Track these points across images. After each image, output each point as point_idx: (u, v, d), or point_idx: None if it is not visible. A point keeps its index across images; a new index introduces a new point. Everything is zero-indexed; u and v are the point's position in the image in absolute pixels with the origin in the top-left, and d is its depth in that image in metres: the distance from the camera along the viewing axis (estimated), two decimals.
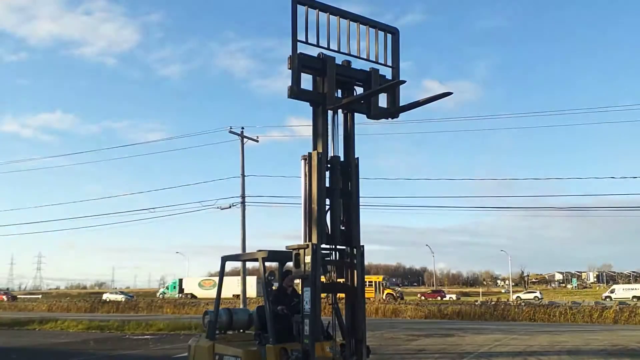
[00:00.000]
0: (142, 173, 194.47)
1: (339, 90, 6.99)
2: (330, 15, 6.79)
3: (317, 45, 6.68)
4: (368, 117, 7.06)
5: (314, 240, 6.50)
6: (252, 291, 60.31)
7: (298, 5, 6.49)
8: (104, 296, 78.71)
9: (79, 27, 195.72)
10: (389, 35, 7.21)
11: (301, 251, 6.55)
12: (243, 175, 27.38)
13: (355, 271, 6.81)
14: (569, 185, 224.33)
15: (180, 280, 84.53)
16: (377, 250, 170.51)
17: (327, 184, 6.73)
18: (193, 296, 76.55)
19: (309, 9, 6.60)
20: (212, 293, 66.84)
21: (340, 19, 6.85)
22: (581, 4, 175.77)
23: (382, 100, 7.14)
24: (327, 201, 6.70)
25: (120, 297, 73.63)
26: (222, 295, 8.70)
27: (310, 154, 6.65)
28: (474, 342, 19.27)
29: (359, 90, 7.10)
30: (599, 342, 19.24)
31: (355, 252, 6.83)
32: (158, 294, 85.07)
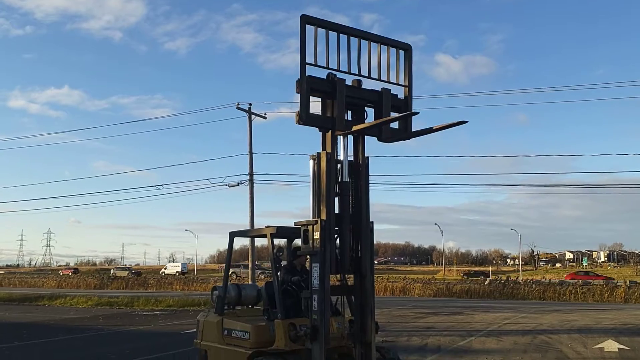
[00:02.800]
0: (150, 150, 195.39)
1: (349, 112, 6.75)
2: (340, 35, 6.55)
3: (327, 67, 6.42)
4: (379, 140, 6.86)
5: (323, 217, 6.35)
6: None
7: (307, 26, 6.21)
8: (111, 272, 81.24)
9: (84, 0, 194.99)
10: (401, 52, 6.93)
11: (310, 227, 6.41)
12: (251, 153, 27.22)
13: (364, 248, 6.65)
14: (581, 163, 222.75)
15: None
16: (385, 230, 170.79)
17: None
18: None
19: (318, 29, 6.34)
20: None
21: (351, 37, 6.60)
22: None
23: (394, 123, 6.90)
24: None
25: (125, 272, 77.43)
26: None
27: (319, 154, 6.47)
28: (483, 320, 19.20)
29: (370, 110, 6.89)
30: (610, 320, 19.11)
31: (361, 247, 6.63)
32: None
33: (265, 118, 28.55)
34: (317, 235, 6.35)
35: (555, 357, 11.27)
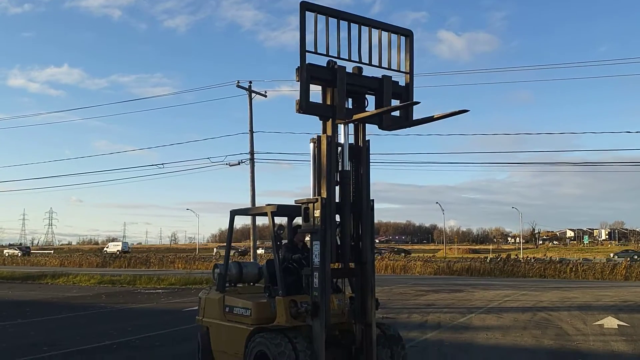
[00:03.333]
0: (150, 129, 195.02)
1: (349, 100, 6.67)
2: (341, 21, 6.42)
3: (327, 55, 6.32)
4: (380, 128, 6.80)
5: (324, 195, 6.33)
6: None
7: (307, 12, 6.08)
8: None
9: None
10: (402, 38, 6.82)
11: (310, 205, 6.40)
12: (251, 132, 27.12)
13: (365, 231, 6.63)
14: (584, 141, 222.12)
15: None
16: (386, 209, 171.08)
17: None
18: None
19: (318, 15, 6.21)
20: None
21: (351, 24, 6.48)
22: None
23: (395, 111, 6.80)
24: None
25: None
26: None
27: (319, 137, 6.41)
28: (483, 298, 19.30)
29: (370, 98, 6.80)
30: (610, 298, 19.20)
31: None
32: None
33: (265, 96, 28.43)
34: (317, 213, 6.35)
35: (555, 334, 11.33)
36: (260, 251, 51.17)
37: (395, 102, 6.71)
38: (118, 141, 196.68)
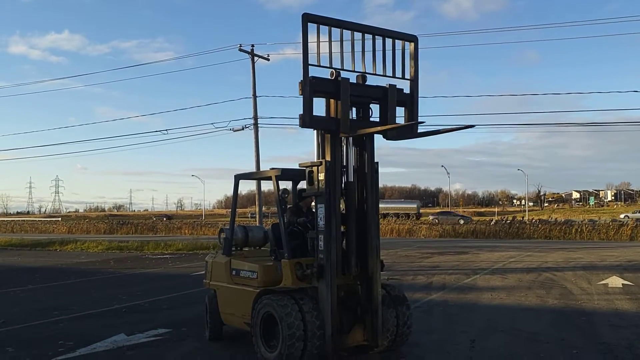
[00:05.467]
0: (153, 95, 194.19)
1: (354, 109, 6.60)
2: (344, 31, 6.26)
3: (330, 67, 6.20)
4: (385, 139, 6.73)
5: (328, 157, 6.31)
6: None
7: (309, 24, 5.93)
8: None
9: None
10: (407, 44, 6.67)
11: (314, 168, 6.39)
12: (255, 96, 26.94)
13: (369, 186, 6.62)
14: (591, 101, 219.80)
15: None
16: (391, 173, 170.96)
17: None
18: None
19: (320, 26, 6.06)
20: None
21: (355, 33, 6.33)
22: None
23: (400, 118, 6.72)
24: None
25: None
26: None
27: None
28: (488, 259, 19.42)
29: (375, 107, 6.68)
30: (615, 258, 19.28)
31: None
32: None
33: (268, 60, 28.16)
34: (321, 176, 6.34)
35: (560, 294, 11.41)
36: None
37: (400, 110, 6.66)
38: (121, 108, 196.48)
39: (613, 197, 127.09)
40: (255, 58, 27.16)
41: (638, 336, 7.56)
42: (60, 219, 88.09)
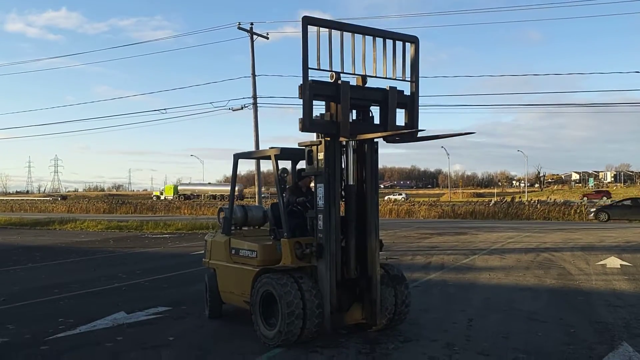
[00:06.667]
0: (152, 74, 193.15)
1: (354, 111, 6.56)
2: (344, 33, 6.19)
3: (330, 70, 6.15)
4: (385, 142, 6.76)
5: (327, 137, 6.29)
6: None
7: (309, 27, 5.85)
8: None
9: None
10: (408, 45, 6.60)
11: (314, 148, 6.38)
12: (254, 75, 26.75)
13: (368, 167, 6.61)
14: (592, 82, 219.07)
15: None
16: (391, 154, 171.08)
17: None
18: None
19: (320, 29, 5.99)
20: None
21: (355, 35, 6.27)
22: None
23: (400, 120, 6.66)
24: None
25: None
26: None
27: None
28: (487, 240, 19.49)
29: (375, 109, 6.65)
30: (613, 239, 19.34)
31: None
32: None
33: (267, 38, 27.91)
34: (321, 155, 6.33)
35: (558, 274, 11.46)
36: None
37: (400, 112, 6.62)
38: (119, 87, 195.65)
39: (612, 179, 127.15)
40: (255, 36, 26.94)
41: (635, 316, 7.61)
42: (59, 198, 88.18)
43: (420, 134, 6.61)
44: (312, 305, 6.03)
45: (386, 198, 70.12)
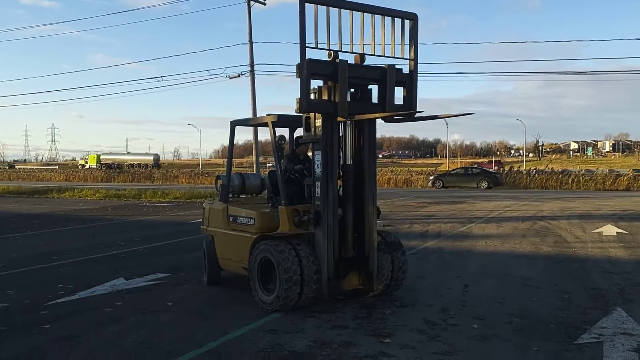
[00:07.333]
0: (148, 41, 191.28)
1: (352, 90, 6.48)
2: (343, 10, 6.05)
3: (328, 49, 6.05)
4: (383, 121, 6.72)
5: (325, 95, 6.25)
6: None
7: (306, 4, 5.72)
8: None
9: None
10: (407, 22, 6.46)
11: (312, 115, 6.34)
12: (251, 42, 26.42)
13: (366, 140, 6.59)
14: (592, 50, 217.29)
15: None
16: (389, 124, 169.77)
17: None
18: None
19: (318, 7, 5.86)
20: None
21: (354, 12, 6.13)
22: None
23: (398, 100, 6.55)
24: None
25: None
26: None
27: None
28: (484, 208, 19.55)
29: (373, 87, 6.59)
30: (610, 207, 19.43)
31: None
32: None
33: (264, 4, 27.51)
34: (318, 122, 6.30)
35: (554, 241, 11.54)
36: None
37: (399, 90, 6.55)
38: (115, 54, 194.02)
39: (611, 148, 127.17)
40: (252, 2, 26.57)
41: (629, 282, 7.69)
42: (57, 167, 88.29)
43: (418, 115, 6.62)
44: (309, 271, 6.08)
45: None
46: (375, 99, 6.60)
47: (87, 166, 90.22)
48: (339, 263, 6.41)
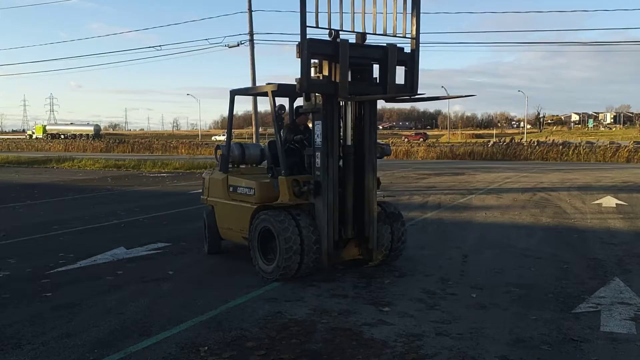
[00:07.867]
0: (146, 9, 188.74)
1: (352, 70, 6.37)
2: None
3: (329, 28, 5.94)
4: (384, 101, 6.74)
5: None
6: None
7: None
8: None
9: None
10: (409, 1, 6.32)
11: None
12: (250, 10, 26.08)
13: (367, 105, 6.54)
14: (596, 20, 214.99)
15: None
16: None
17: None
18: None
19: None
20: None
21: None
22: None
23: (400, 79, 6.47)
24: None
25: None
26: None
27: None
28: (484, 180, 19.56)
29: (374, 67, 6.48)
30: (610, 179, 19.43)
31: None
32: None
33: None
34: None
35: (553, 212, 11.56)
36: None
37: (400, 69, 6.46)
38: (113, 23, 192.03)
39: (612, 120, 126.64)
40: None
41: (627, 253, 7.73)
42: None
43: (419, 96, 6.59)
44: (309, 241, 6.09)
45: None
46: (376, 78, 6.54)
47: (34, 136, 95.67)
48: (339, 234, 6.43)
